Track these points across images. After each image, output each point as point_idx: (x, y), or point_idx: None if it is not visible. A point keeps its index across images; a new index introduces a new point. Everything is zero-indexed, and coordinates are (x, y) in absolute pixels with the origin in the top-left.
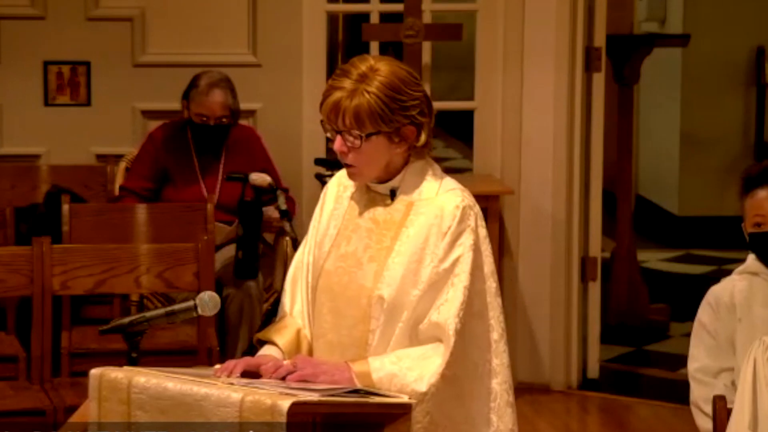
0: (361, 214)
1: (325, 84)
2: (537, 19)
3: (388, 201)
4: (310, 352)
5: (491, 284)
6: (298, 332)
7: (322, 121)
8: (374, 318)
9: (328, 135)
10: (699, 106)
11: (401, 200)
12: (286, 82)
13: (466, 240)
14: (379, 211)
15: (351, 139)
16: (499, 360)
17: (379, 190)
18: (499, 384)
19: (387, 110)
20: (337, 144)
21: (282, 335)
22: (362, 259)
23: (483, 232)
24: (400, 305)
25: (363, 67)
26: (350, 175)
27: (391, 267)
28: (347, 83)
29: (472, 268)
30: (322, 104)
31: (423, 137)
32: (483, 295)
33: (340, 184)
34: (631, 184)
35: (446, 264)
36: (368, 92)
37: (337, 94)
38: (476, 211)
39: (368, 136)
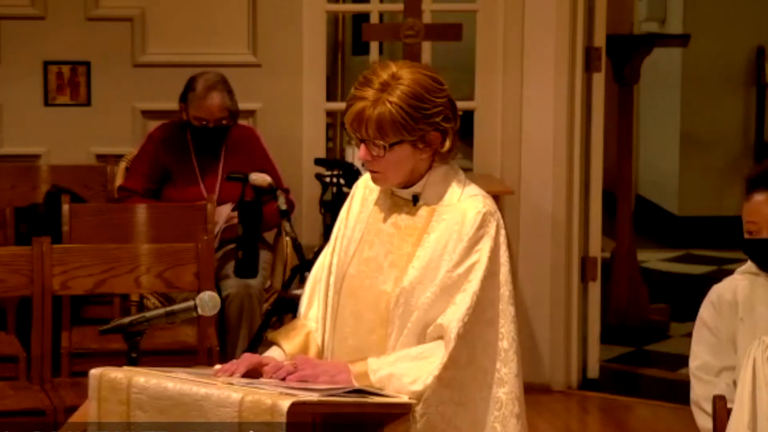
0: (384, 219)
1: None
2: (537, 19)
3: (411, 207)
4: (319, 355)
5: (505, 292)
6: (308, 335)
7: (347, 131)
8: (392, 323)
9: (353, 143)
10: (699, 106)
11: (424, 206)
12: (286, 82)
13: (484, 246)
14: (401, 217)
15: (375, 148)
16: (507, 369)
17: (402, 195)
18: (506, 393)
19: (410, 120)
20: (362, 152)
21: (290, 339)
22: (383, 265)
23: (502, 239)
24: (414, 309)
25: (385, 75)
26: (375, 181)
27: (410, 273)
28: (369, 93)
29: (485, 274)
30: (345, 113)
31: (448, 143)
32: (496, 302)
33: (366, 186)
34: (631, 184)
35: (461, 269)
36: (390, 102)
37: (360, 104)
38: (497, 218)
39: (392, 145)
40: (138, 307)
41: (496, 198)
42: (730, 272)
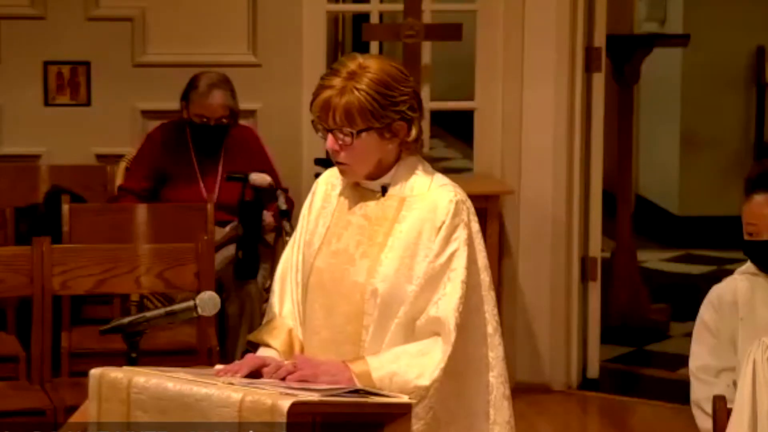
0: (352, 210)
1: None
2: (537, 19)
3: (380, 197)
4: (302, 352)
5: (485, 278)
6: (290, 333)
7: (313, 121)
8: (368, 314)
9: (320, 134)
10: (699, 106)
11: (393, 196)
12: (286, 82)
13: (461, 234)
14: (370, 208)
15: (342, 136)
16: (494, 353)
17: (370, 187)
18: (495, 377)
19: (377, 106)
20: (330, 142)
21: (275, 337)
22: (354, 255)
23: (476, 226)
24: (393, 300)
25: (352, 66)
26: (342, 173)
27: (384, 262)
28: (337, 81)
29: (468, 262)
30: (312, 103)
31: (414, 132)
32: (478, 289)
33: (328, 182)
34: (631, 184)
35: (442, 259)
36: (358, 89)
37: (327, 93)
38: (468, 205)
39: (359, 132)
40: (138, 307)
41: (497, 198)
42: (730, 272)
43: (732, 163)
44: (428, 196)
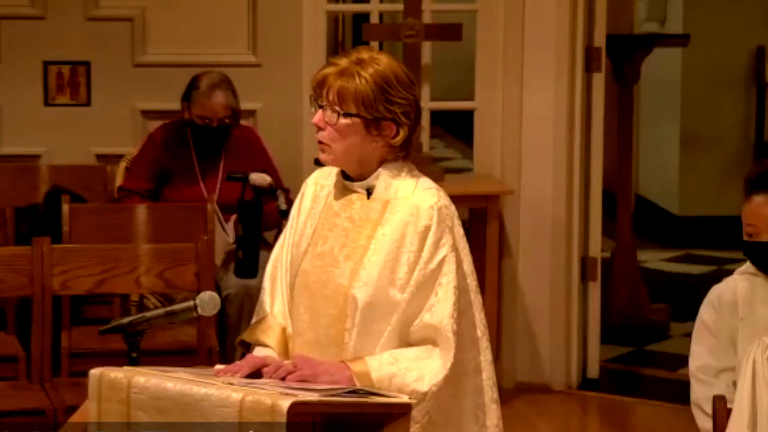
0: (338, 212)
1: None
2: (537, 19)
3: (365, 200)
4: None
5: (471, 282)
6: (283, 331)
7: (311, 95)
8: (349, 317)
9: (312, 110)
10: (699, 106)
11: (378, 199)
12: (286, 82)
13: (447, 240)
14: (355, 210)
15: (329, 113)
16: (483, 356)
17: (355, 189)
18: (485, 380)
19: (371, 97)
20: (317, 117)
21: (270, 336)
22: (339, 258)
23: (460, 231)
24: (376, 304)
25: (365, 54)
26: (321, 155)
27: (367, 265)
28: (343, 62)
29: (456, 267)
30: (314, 76)
31: (400, 137)
32: (466, 293)
33: (317, 183)
34: (631, 184)
35: (432, 265)
36: (360, 75)
37: (330, 69)
38: (452, 210)
39: (346, 115)
40: (138, 307)
41: (497, 198)
42: (730, 272)
43: (732, 163)
44: (411, 200)
